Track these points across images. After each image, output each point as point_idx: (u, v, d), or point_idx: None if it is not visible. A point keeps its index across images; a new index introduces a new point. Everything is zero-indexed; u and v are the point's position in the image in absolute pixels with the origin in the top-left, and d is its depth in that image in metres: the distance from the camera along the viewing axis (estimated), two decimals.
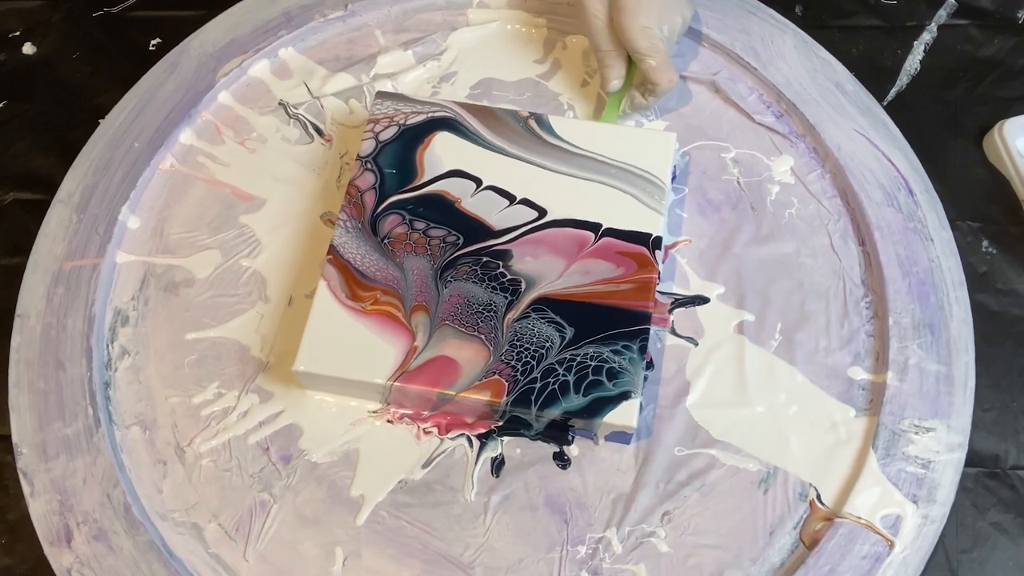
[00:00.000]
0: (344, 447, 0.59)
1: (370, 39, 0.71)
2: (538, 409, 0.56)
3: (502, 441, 0.59)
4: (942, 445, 0.57)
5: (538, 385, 0.56)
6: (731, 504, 0.57)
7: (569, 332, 0.57)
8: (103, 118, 0.68)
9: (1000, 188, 0.66)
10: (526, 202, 0.61)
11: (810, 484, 0.57)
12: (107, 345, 0.62)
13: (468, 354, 0.57)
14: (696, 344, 0.61)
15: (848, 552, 0.55)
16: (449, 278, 0.59)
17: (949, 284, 0.61)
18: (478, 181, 0.62)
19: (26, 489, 0.58)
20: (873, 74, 0.68)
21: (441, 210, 0.61)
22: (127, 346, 0.62)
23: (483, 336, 0.57)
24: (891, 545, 0.55)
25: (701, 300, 0.62)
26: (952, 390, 0.58)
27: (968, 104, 0.68)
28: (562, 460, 0.58)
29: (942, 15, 0.71)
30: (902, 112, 0.67)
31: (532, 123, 0.64)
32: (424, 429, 0.59)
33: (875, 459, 0.57)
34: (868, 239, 0.63)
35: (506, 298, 0.58)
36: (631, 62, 0.65)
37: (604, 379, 0.56)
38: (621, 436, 0.58)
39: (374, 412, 0.60)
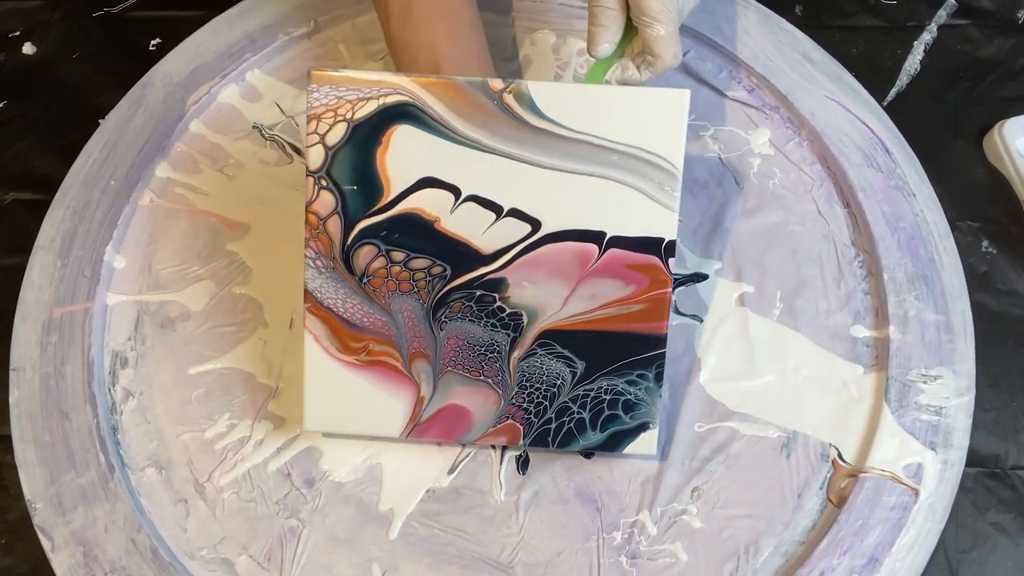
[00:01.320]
0: (366, 463, 0.59)
1: (336, 54, 0.71)
2: (556, 447, 0.56)
3: None
4: (951, 390, 0.59)
5: (553, 426, 0.55)
6: (757, 473, 0.58)
7: (580, 367, 0.55)
8: (103, 118, 0.68)
9: (1000, 188, 0.66)
10: (516, 214, 0.53)
11: (830, 444, 0.58)
12: (109, 389, 0.61)
13: (478, 400, 0.55)
14: (701, 321, 0.62)
15: (876, 504, 0.56)
16: (443, 318, 0.54)
17: (936, 236, 0.63)
18: (456, 191, 0.53)
19: (46, 545, 0.56)
20: (873, 74, 0.69)
21: (419, 234, 0.53)
22: (130, 388, 0.61)
23: (490, 380, 0.55)
24: (916, 493, 0.56)
25: (700, 277, 0.63)
26: (953, 337, 0.60)
27: (968, 104, 0.68)
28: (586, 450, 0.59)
29: (942, 15, 0.71)
30: (902, 112, 0.67)
31: (509, 100, 0.52)
32: None
33: (889, 412, 0.58)
34: (852, 201, 0.64)
35: (508, 335, 0.54)
36: (629, 27, 0.55)
37: (620, 412, 0.55)
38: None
39: None
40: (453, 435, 0.56)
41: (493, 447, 0.59)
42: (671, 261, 0.54)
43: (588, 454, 0.58)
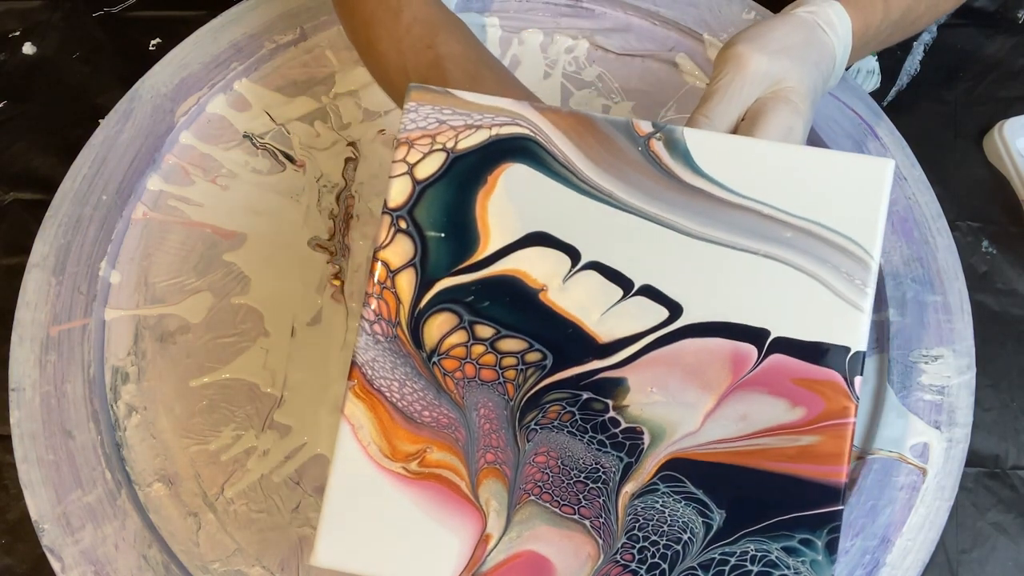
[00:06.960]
0: None
1: (323, 60, 0.71)
2: None
3: None
4: (952, 369, 0.59)
5: None
6: None
7: (718, 517, 0.41)
8: (103, 118, 0.67)
9: (1000, 188, 0.66)
10: (650, 292, 0.41)
11: None
12: (111, 405, 0.60)
13: (566, 549, 0.41)
14: None
15: (886, 485, 0.56)
16: (534, 425, 0.41)
17: (928, 218, 0.64)
18: (575, 255, 0.42)
19: (56, 566, 0.55)
20: None
21: (517, 306, 0.42)
22: (133, 403, 0.60)
23: (588, 521, 0.41)
24: (924, 472, 0.57)
25: None
26: (951, 317, 0.61)
27: (968, 104, 0.69)
28: None
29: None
30: (902, 112, 0.67)
31: (658, 147, 0.42)
32: None
33: (893, 393, 0.59)
34: None
35: (620, 459, 0.41)
36: None
37: None
38: None
39: None
40: None
41: None
42: (857, 381, 0.41)
43: None
